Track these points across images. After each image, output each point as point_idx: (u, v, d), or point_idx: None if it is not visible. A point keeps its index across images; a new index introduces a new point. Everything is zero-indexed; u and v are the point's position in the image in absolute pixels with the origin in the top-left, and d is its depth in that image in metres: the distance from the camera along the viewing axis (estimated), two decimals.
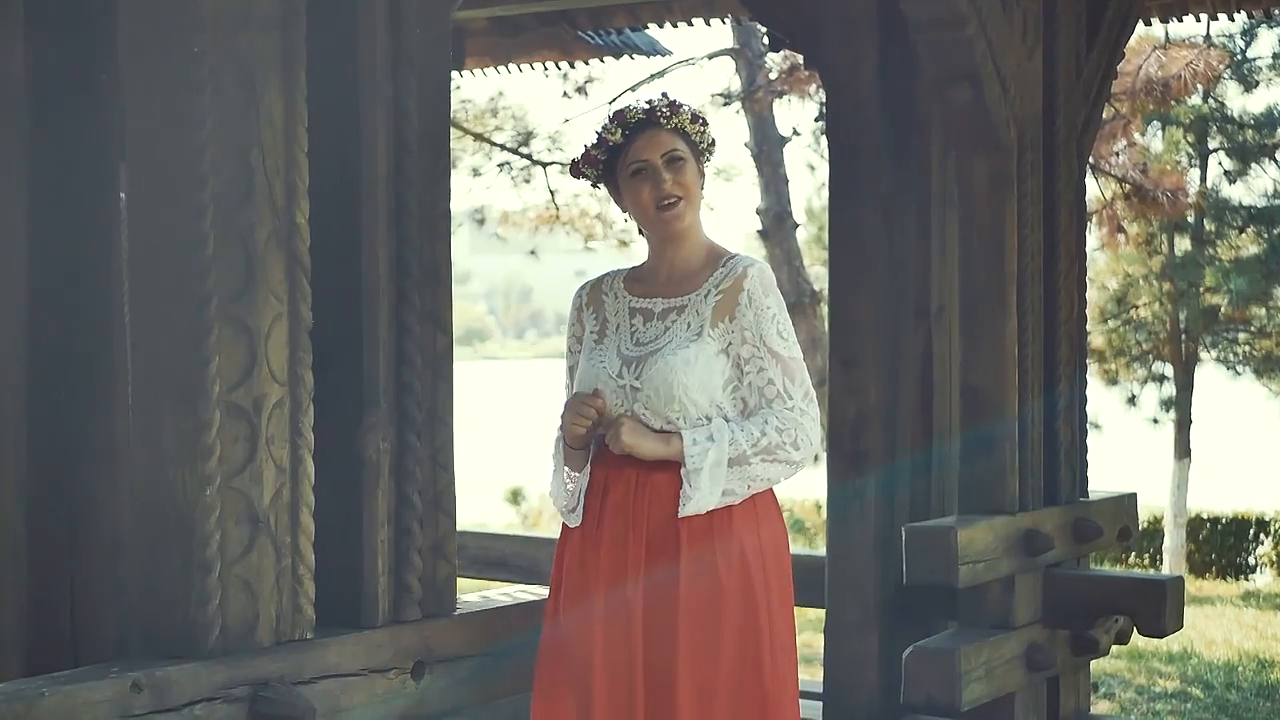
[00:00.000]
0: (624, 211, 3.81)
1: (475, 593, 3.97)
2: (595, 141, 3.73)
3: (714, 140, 3.79)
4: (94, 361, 3.33)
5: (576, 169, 3.80)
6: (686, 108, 3.73)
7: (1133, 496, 6.45)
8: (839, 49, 6.13)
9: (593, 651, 3.55)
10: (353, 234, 3.44)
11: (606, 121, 3.73)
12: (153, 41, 3.10)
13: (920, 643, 5.32)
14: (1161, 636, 5.79)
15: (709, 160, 3.80)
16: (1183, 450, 15.95)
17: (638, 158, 3.67)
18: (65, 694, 2.78)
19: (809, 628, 8.93)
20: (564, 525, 3.72)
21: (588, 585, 3.59)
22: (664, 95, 3.73)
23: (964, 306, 5.75)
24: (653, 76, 12.91)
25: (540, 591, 3.87)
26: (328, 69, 3.40)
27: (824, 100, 6.78)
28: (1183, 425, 16.05)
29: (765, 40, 9.17)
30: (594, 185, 3.83)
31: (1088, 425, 6.29)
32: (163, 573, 3.09)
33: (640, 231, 3.82)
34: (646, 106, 3.70)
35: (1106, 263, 15.97)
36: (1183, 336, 15.94)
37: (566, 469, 3.70)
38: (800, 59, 9.42)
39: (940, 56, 5.46)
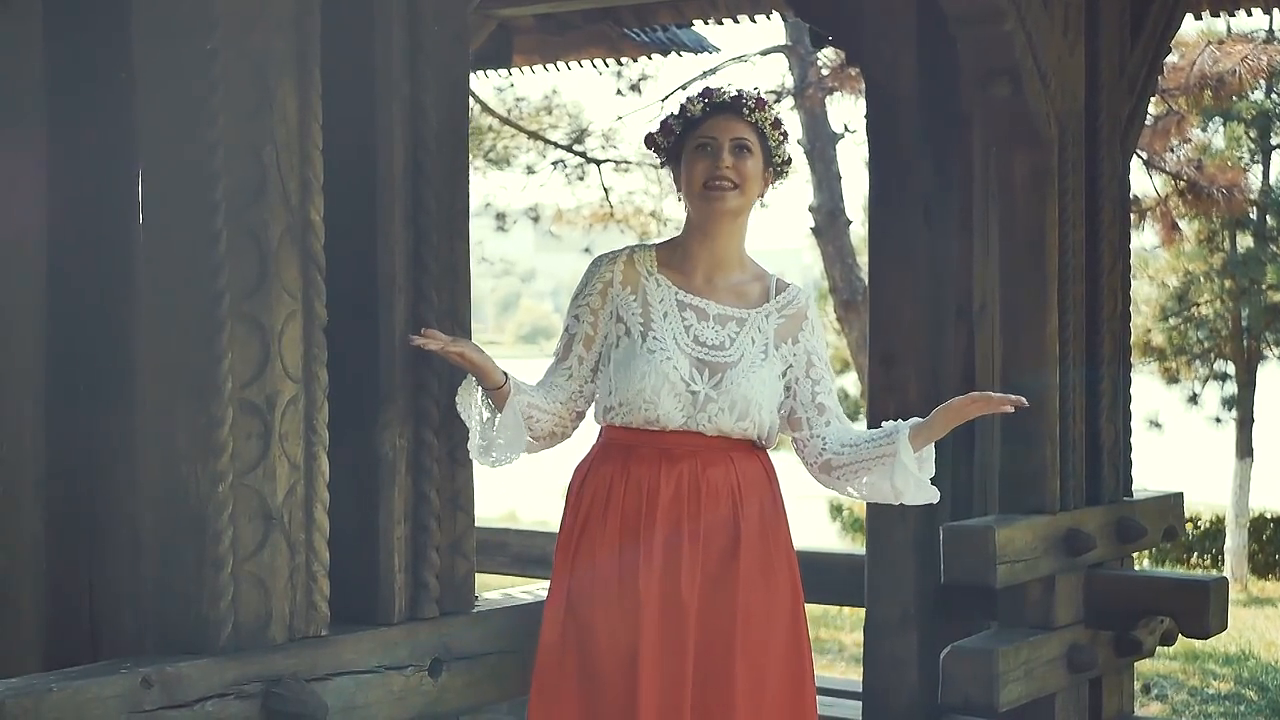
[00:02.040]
0: (679, 193, 3.77)
1: (499, 590, 3.96)
2: (676, 112, 3.73)
3: (790, 158, 3.77)
4: (113, 360, 3.35)
5: (651, 139, 3.79)
6: (773, 111, 3.72)
7: (1179, 496, 6.39)
8: (879, 45, 6.09)
9: (640, 652, 3.50)
10: (369, 231, 3.44)
11: (693, 95, 3.74)
12: (166, 39, 3.11)
13: (958, 643, 5.29)
14: (1205, 638, 5.73)
15: (778, 175, 3.75)
16: (1245, 449, 15.76)
17: (707, 134, 3.66)
18: (74, 689, 2.79)
19: (853, 627, 8.90)
20: (572, 522, 3.66)
21: (628, 584, 3.54)
22: (756, 89, 3.72)
23: (1004, 304, 5.71)
24: (705, 74, 12.86)
25: None
26: (344, 67, 3.40)
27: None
28: (1245, 424, 15.86)
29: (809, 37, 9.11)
30: (662, 164, 3.81)
31: (1133, 424, 6.23)
32: (176, 569, 3.10)
33: (687, 210, 3.77)
34: (735, 93, 3.69)
35: (1167, 260, 15.81)
36: (1244, 334, 15.75)
37: (490, 412, 3.58)
38: None
39: (979, 52, 5.42)
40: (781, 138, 3.72)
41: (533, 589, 3.90)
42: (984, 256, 6.12)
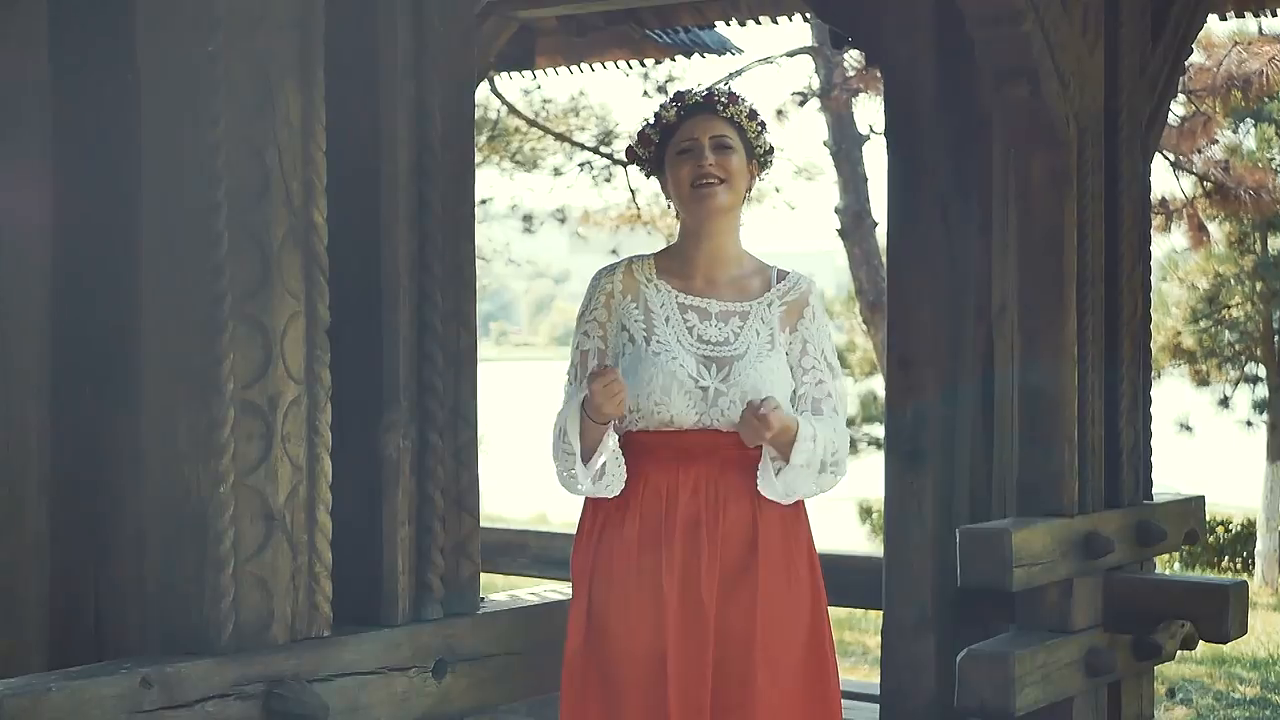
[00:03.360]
0: (668, 199, 3.79)
1: (505, 591, 3.95)
2: (652, 121, 3.74)
3: (771, 148, 3.77)
4: (117, 359, 3.35)
5: (631, 152, 3.81)
6: (747, 103, 3.72)
7: (1200, 499, 6.34)
8: (898, 45, 6.07)
9: (666, 654, 3.51)
10: (373, 233, 3.44)
11: (665, 101, 3.76)
12: (169, 41, 3.11)
13: (974, 646, 5.26)
14: (1224, 642, 5.69)
15: (763, 166, 3.77)
16: (1276, 452, 15.67)
17: (687, 136, 3.67)
18: (74, 689, 2.79)
19: (876, 630, 8.86)
20: (590, 526, 3.66)
21: (649, 587, 3.54)
22: (726, 85, 3.74)
23: (1023, 306, 5.67)
24: (731, 75, 12.85)
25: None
26: (349, 68, 3.40)
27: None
28: (1276, 427, 15.78)
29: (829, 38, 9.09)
30: (646, 174, 3.82)
31: (1163, 427, 6.19)
32: (177, 570, 3.10)
33: (678, 217, 3.81)
34: (706, 92, 3.71)
35: (1197, 262, 15.74)
36: (1275, 337, 15.67)
37: (583, 449, 3.58)
38: None
39: (997, 52, 5.39)
40: (759, 128, 3.72)
41: (540, 591, 3.90)
42: (1003, 258, 6.07)
